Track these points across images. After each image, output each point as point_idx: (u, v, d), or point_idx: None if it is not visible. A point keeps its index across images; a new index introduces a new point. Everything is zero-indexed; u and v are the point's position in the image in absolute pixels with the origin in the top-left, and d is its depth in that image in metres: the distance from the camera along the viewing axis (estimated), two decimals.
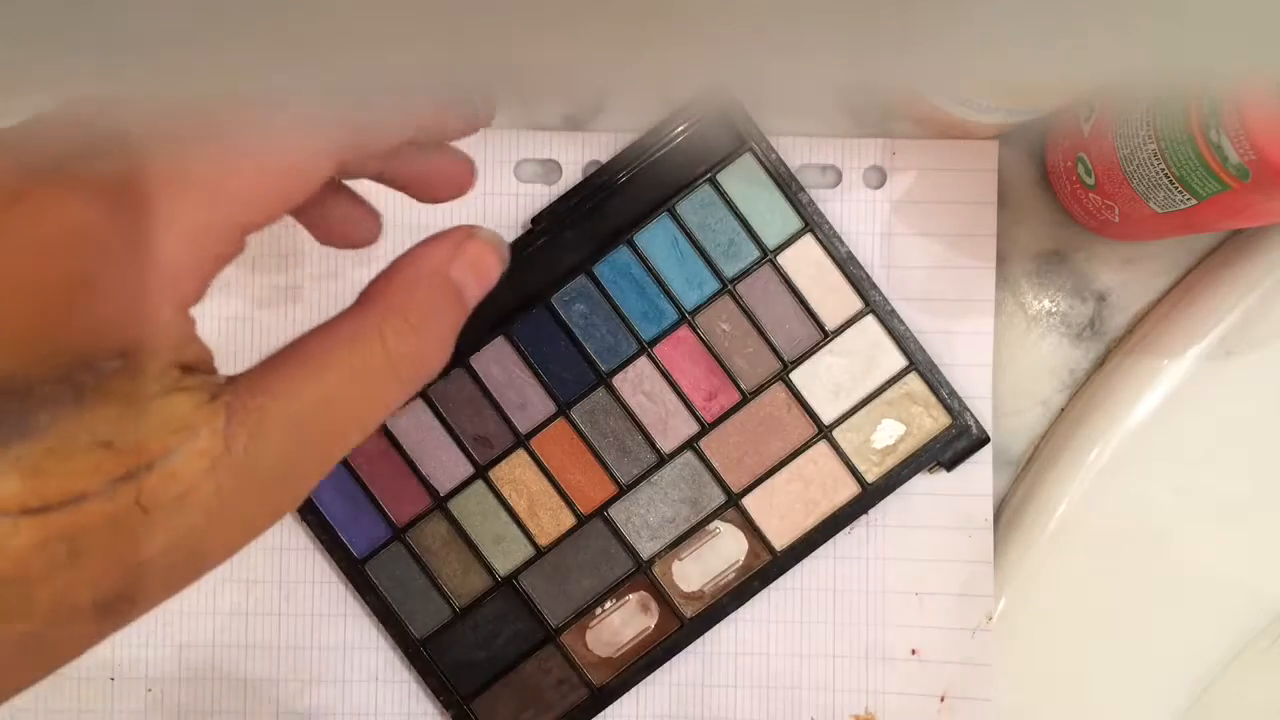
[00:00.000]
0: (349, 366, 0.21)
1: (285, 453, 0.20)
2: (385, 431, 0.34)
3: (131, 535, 0.18)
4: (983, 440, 0.34)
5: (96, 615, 0.19)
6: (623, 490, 0.34)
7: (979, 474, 0.35)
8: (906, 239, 0.35)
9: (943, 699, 0.34)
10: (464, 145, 0.25)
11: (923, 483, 0.35)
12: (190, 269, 0.19)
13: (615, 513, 0.34)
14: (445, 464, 0.34)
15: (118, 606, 0.19)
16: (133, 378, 0.18)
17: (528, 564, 0.34)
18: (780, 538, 0.34)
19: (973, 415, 0.34)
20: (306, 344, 0.21)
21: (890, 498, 0.34)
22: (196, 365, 0.19)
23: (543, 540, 0.34)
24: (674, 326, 0.34)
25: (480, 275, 0.23)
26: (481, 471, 0.34)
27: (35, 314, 0.17)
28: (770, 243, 0.34)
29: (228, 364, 0.24)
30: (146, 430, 0.18)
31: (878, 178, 0.35)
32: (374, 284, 0.22)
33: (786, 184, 0.34)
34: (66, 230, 0.17)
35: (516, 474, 0.34)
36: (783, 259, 0.34)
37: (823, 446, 0.34)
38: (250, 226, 0.20)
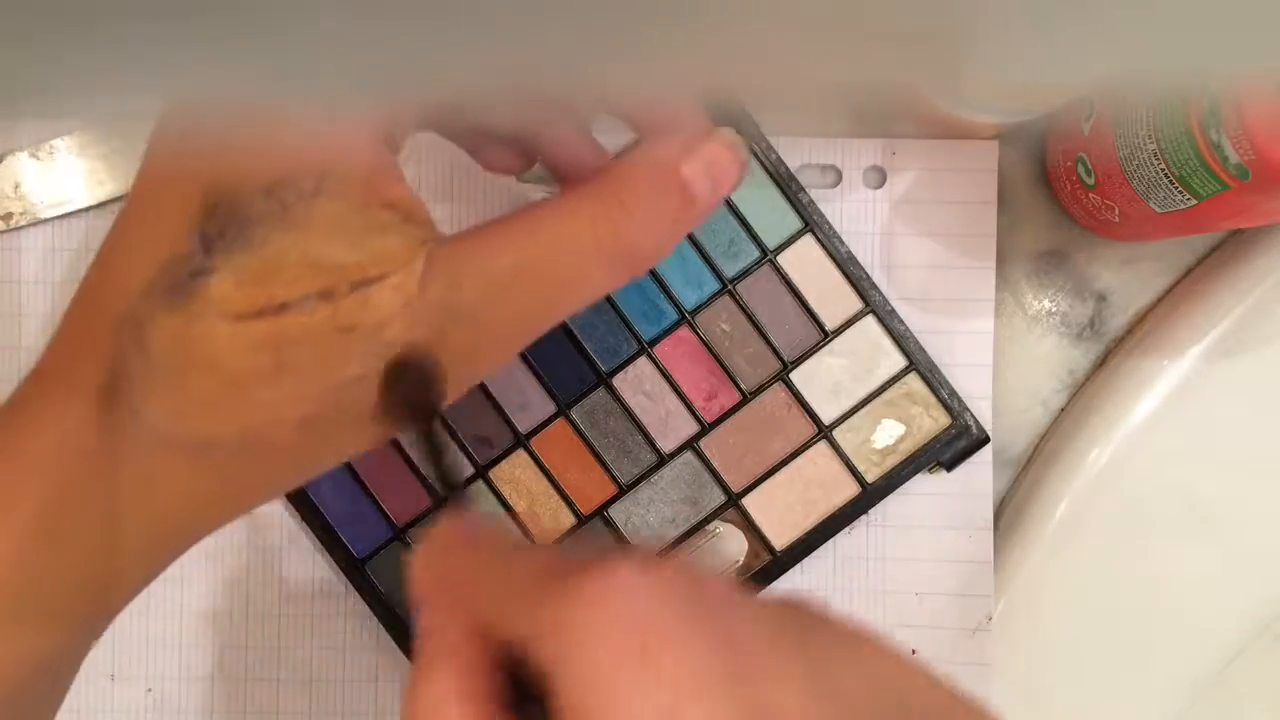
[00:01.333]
0: (554, 239, 0.21)
1: (478, 310, 0.21)
2: None
3: (328, 355, 0.20)
4: (983, 440, 0.34)
5: (298, 432, 0.20)
6: (623, 490, 0.34)
7: (979, 474, 0.35)
8: (906, 239, 0.35)
9: None
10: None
11: (923, 483, 0.35)
12: (375, 119, 0.20)
13: (615, 513, 0.34)
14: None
15: (317, 428, 0.20)
16: (336, 202, 0.19)
17: None
18: (780, 538, 0.34)
19: (973, 415, 0.34)
20: (519, 213, 0.22)
21: (890, 498, 0.34)
22: (410, 213, 0.20)
23: (543, 540, 0.34)
24: (674, 326, 0.34)
25: (714, 177, 0.22)
26: (481, 471, 0.34)
27: (246, 150, 0.19)
28: (770, 243, 0.34)
29: None
30: (351, 258, 0.20)
31: (878, 178, 0.35)
32: (597, 171, 0.22)
33: (786, 184, 0.34)
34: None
35: (516, 474, 0.34)
36: (783, 259, 0.34)
37: (823, 446, 0.34)
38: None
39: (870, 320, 0.34)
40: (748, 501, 0.34)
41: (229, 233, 0.19)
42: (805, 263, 0.34)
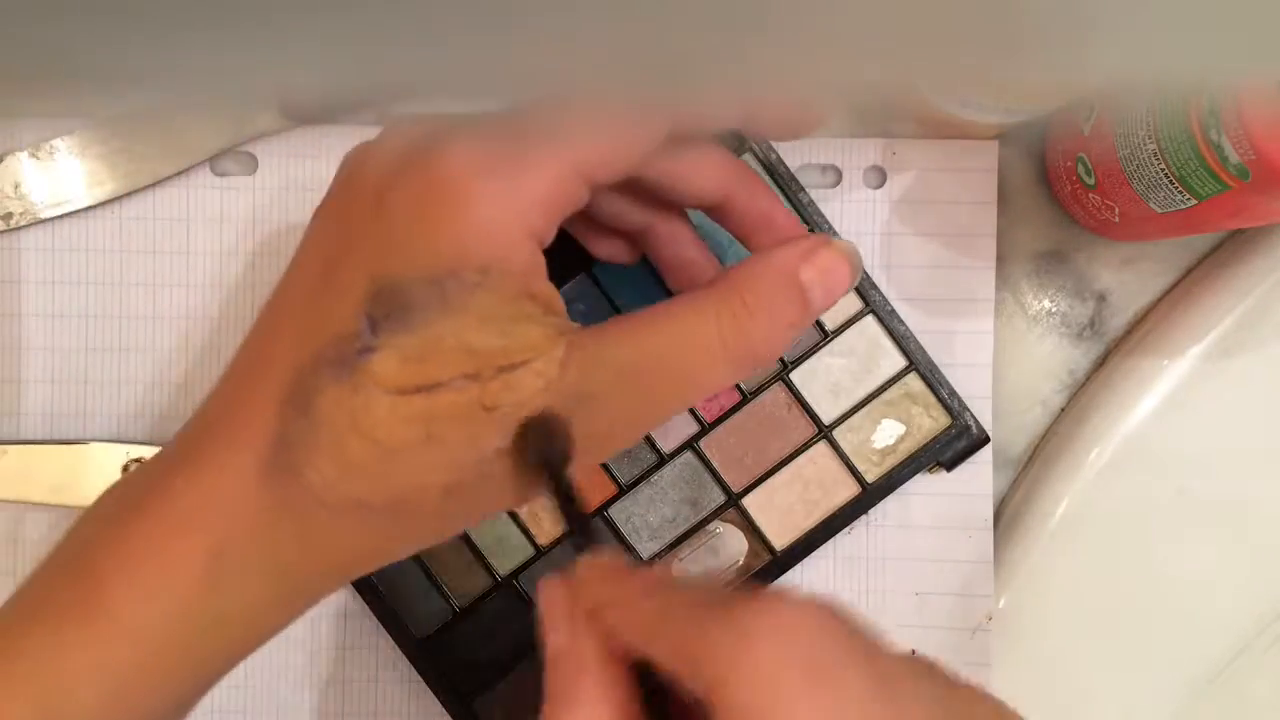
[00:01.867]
0: (680, 334, 0.23)
1: (609, 396, 0.23)
2: None
3: (474, 430, 0.22)
4: (983, 440, 0.34)
5: (442, 498, 0.22)
6: (623, 490, 0.34)
7: (979, 474, 0.35)
8: (906, 239, 0.35)
9: None
10: None
11: (923, 483, 0.35)
12: (544, 205, 0.22)
13: (615, 513, 0.34)
14: None
15: (459, 494, 0.22)
16: (491, 294, 0.21)
17: (528, 564, 0.34)
18: (780, 538, 0.34)
19: (973, 415, 0.34)
20: (649, 310, 0.24)
21: (890, 498, 0.34)
22: (548, 305, 0.22)
23: (543, 540, 0.34)
24: None
25: (829, 283, 0.24)
26: None
27: (415, 228, 0.21)
28: None
29: None
30: (499, 344, 0.21)
31: (878, 178, 0.35)
32: (725, 272, 0.24)
33: (786, 184, 0.34)
34: (442, 174, 0.21)
35: None
36: None
37: (823, 446, 0.34)
38: (594, 179, 0.22)
39: (870, 320, 0.34)
40: (748, 501, 0.34)
41: (394, 315, 0.21)
42: None
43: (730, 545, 0.34)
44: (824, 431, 0.34)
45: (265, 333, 0.24)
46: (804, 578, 0.35)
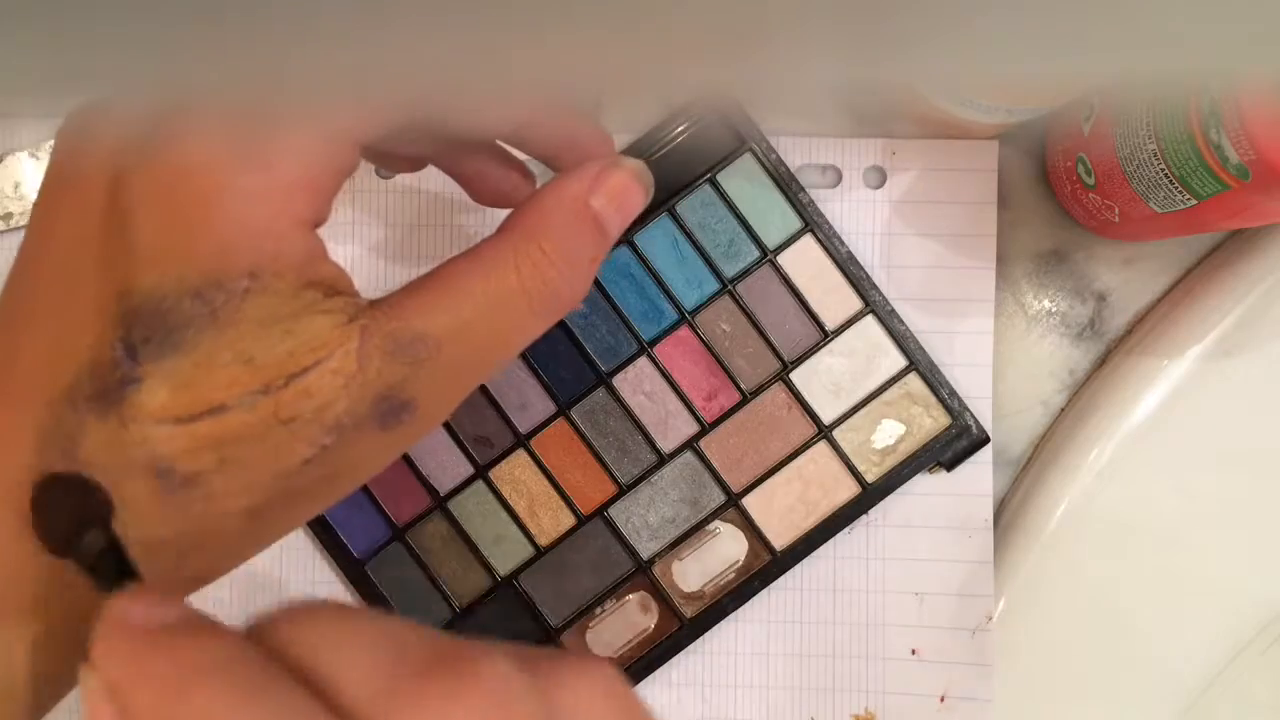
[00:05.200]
0: (483, 294, 0.21)
1: (418, 374, 0.21)
2: None
3: (274, 447, 0.19)
4: (983, 440, 0.34)
5: (246, 521, 0.20)
6: (623, 490, 0.34)
7: (979, 474, 0.35)
8: (906, 239, 0.35)
9: (943, 699, 0.34)
10: None
11: (923, 483, 0.35)
12: (308, 186, 0.19)
13: (615, 513, 0.34)
14: (445, 464, 0.34)
15: (265, 514, 0.20)
16: (266, 296, 0.19)
17: (528, 564, 0.34)
18: (780, 538, 0.34)
19: (973, 415, 0.34)
20: (443, 272, 0.21)
21: (890, 498, 0.34)
22: (334, 286, 0.20)
23: (543, 540, 0.34)
24: (674, 326, 0.34)
25: (622, 205, 0.23)
26: (481, 471, 0.34)
27: (164, 234, 0.18)
28: (770, 243, 0.34)
29: None
30: (284, 347, 0.19)
31: (878, 178, 0.35)
32: (512, 214, 0.22)
33: (786, 184, 0.34)
34: (186, 164, 0.18)
35: (516, 474, 0.34)
36: (783, 259, 0.34)
37: (823, 446, 0.34)
38: (361, 138, 0.20)
39: (870, 320, 0.34)
40: (748, 501, 0.34)
41: (155, 338, 0.18)
42: (805, 263, 0.34)
43: (730, 545, 0.34)
44: (824, 431, 0.34)
45: (4, 362, 0.20)
46: (804, 578, 0.35)
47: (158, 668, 0.15)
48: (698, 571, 0.34)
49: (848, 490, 0.34)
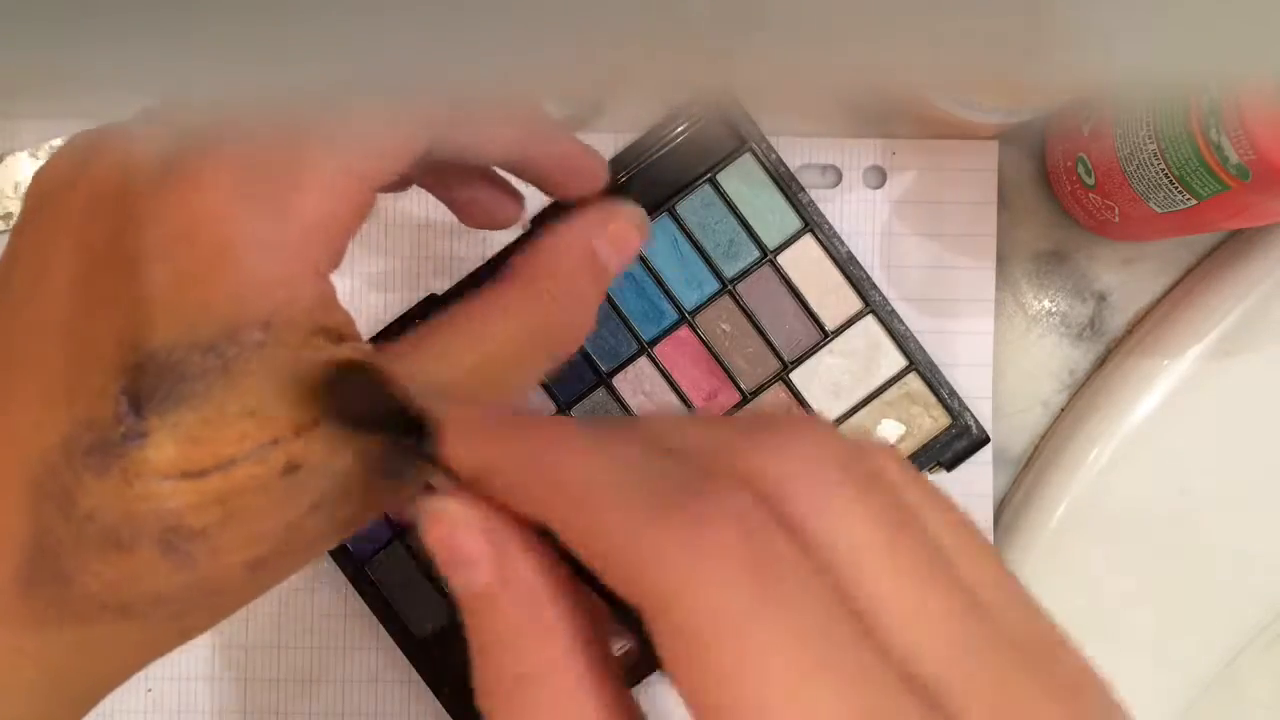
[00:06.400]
0: (496, 338, 0.21)
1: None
2: None
3: (279, 497, 0.19)
4: (983, 440, 0.34)
5: (249, 573, 0.19)
6: None
7: (979, 474, 0.35)
8: (906, 239, 0.35)
9: None
10: None
11: None
12: (324, 231, 0.19)
13: None
14: None
15: (268, 565, 0.20)
16: (279, 348, 0.18)
17: None
18: None
19: (973, 415, 0.34)
20: (456, 317, 0.22)
21: None
22: (340, 332, 0.20)
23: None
24: (674, 326, 0.34)
25: (621, 249, 0.24)
26: None
27: (177, 284, 0.18)
28: (770, 243, 0.34)
29: None
30: (292, 398, 0.19)
31: (878, 178, 0.35)
32: (521, 259, 0.23)
33: (786, 184, 0.34)
34: (203, 209, 0.18)
35: None
36: (783, 259, 0.34)
37: None
38: (377, 179, 0.20)
39: (870, 320, 0.34)
40: None
41: (162, 391, 0.18)
42: (805, 263, 0.34)
43: None
44: None
45: None
46: None
47: (527, 437, 0.16)
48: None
49: None
